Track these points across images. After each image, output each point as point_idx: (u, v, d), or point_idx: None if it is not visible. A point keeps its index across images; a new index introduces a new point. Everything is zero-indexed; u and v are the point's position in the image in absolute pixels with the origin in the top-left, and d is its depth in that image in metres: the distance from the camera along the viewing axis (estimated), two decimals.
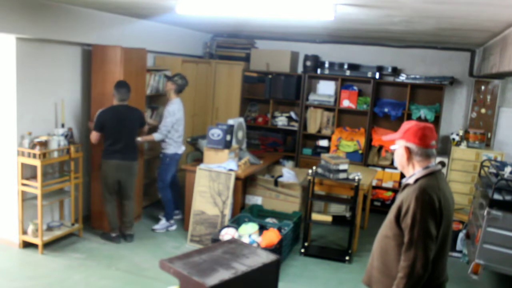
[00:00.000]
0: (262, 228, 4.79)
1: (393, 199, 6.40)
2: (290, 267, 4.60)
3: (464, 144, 5.75)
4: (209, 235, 4.84)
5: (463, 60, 6.35)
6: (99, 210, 5.10)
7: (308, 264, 4.72)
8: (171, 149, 5.26)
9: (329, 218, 4.95)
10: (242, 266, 2.42)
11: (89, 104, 5.15)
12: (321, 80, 6.81)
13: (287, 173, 5.80)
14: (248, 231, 4.57)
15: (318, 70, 6.67)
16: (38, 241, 4.48)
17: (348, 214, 5.38)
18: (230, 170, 4.95)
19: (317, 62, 6.78)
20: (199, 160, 5.48)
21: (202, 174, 4.99)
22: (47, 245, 4.62)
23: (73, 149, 4.65)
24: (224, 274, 2.30)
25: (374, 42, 6.58)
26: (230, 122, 5.34)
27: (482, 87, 6.21)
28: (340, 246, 5.22)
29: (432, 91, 6.39)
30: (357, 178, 4.65)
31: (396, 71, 6.55)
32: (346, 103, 6.53)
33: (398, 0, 2.95)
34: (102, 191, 4.87)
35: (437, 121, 6.14)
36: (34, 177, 4.44)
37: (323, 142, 6.76)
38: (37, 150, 4.31)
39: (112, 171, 4.74)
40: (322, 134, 6.74)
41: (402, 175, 6.12)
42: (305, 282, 4.32)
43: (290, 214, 5.39)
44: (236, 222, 4.87)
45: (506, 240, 3.85)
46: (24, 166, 4.42)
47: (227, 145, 5.12)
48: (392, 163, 6.38)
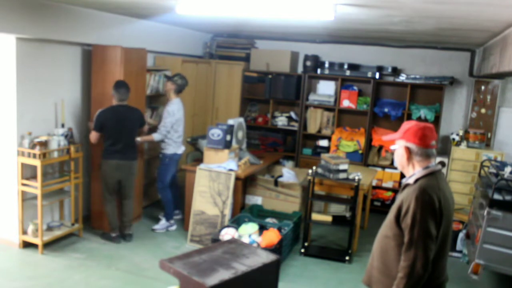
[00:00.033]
0: (262, 228, 4.79)
1: (393, 199, 6.40)
2: (290, 267, 4.60)
3: (464, 144, 5.75)
4: (209, 235, 4.84)
5: (463, 60, 6.35)
6: (99, 210, 5.10)
7: (308, 264, 4.72)
8: (170, 149, 5.25)
9: (329, 218, 4.95)
10: (242, 266, 2.42)
11: (89, 104, 5.16)
12: (321, 80, 6.81)
13: (287, 173, 5.80)
14: (248, 231, 4.57)
15: (318, 70, 6.67)
16: (38, 241, 4.48)
17: (348, 214, 5.38)
18: (230, 170, 4.95)
19: (317, 62, 6.78)
20: (199, 160, 5.47)
21: (202, 174, 4.99)
22: (47, 245, 4.62)
23: (73, 149, 4.65)
24: (224, 274, 2.30)
25: (374, 42, 6.58)
26: (230, 122, 5.34)
27: (482, 87, 6.21)
28: (340, 246, 5.22)
29: (432, 91, 6.39)
30: (357, 178, 4.65)
31: (396, 71, 6.55)
32: (346, 103, 6.53)
33: (398, 0, 2.95)
34: (102, 191, 4.87)
35: (437, 121, 6.14)
36: (34, 177, 4.44)
37: (323, 142, 6.76)
38: (37, 150, 4.31)
39: (112, 171, 4.74)
40: (322, 134, 6.74)
41: (402, 175, 6.12)
42: (305, 282, 4.32)
43: (290, 214, 5.39)
44: (236, 222, 4.87)
45: (506, 240, 3.85)
46: (24, 166, 4.42)
47: (227, 145, 5.12)
48: (392, 163, 6.38)
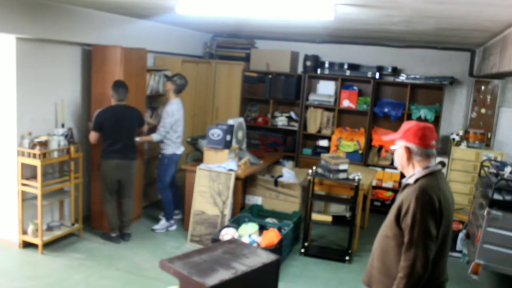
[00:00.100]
0: (262, 228, 4.79)
1: (393, 199, 6.40)
2: (290, 267, 4.60)
3: (464, 144, 5.75)
4: (209, 235, 4.84)
5: (463, 60, 6.35)
6: (99, 210, 5.10)
7: (308, 264, 4.72)
8: (169, 149, 5.25)
9: (329, 218, 4.95)
10: (242, 266, 2.42)
11: (89, 104, 5.16)
12: (321, 80, 6.81)
13: (287, 173, 5.80)
14: (248, 231, 4.57)
15: (318, 70, 6.67)
16: (38, 241, 4.48)
17: (348, 214, 5.38)
18: (230, 170, 4.95)
19: (317, 62, 6.78)
20: (199, 160, 5.47)
21: (202, 174, 4.99)
22: (47, 245, 4.62)
23: (73, 149, 4.65)
24: (224, 274, 2.30)
25: (374, 42, 6.58)
26: (230, 122, 5.34)
27: (482, 87, 6.21)
28: (340, 246, 5.22)
29: (432, 91, 6.39)
30: (357, 178, 4.65)
31: (396, 71, 6.55)
32: (346, 103, 6.53)
33: (398, 0, 2.95)
34: (102, 191, 4.87)
35: (437, 121, 6.14)
36: (34, 177, 4.44)
37: (323, 142, 6.76)
38: (37, 150, 4.31)
39: (111, 171, 4.74)
40: (322, 134, 6.74)
41: (402, 175, 6.12)
42: (305, 282, 4.32)
43: (290, 214, 5.38)
44: (236, 222, 4.87)
45: (506, 240, 3.85)
46: (24, 166, 4.42)
47: (227, 145, 5.12)
48: (392, 163, 6.38)
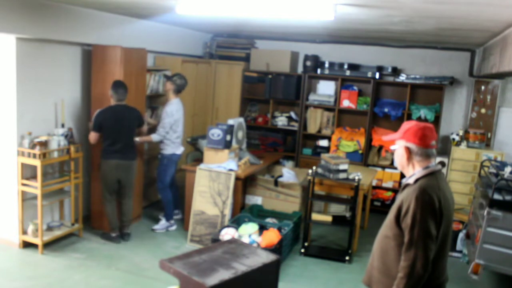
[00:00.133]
0: (262, 228, 4.79)
1: (393, 199, 6.40)
2: (290, 267, 4.60)
3: (464, 144, 5.75)
4: (209, 235, 4.84)
5: (463, 60, 6.35)
6: (99, 210, 5.09)
7: (308, 264, 4.72)
8: (169, 149, 5.25)
9: (329, 218, 4.95)
10: (242, 266, 2.42)
11: (89, 104, 5.15)
12: (321, 80, 6.81)
13: (287, 173, 5.80)
14: (248, 231, 4.57)
15: (318, 70, 6.67)
16: (38, 241, 4.48)
17: (348, 214, 5.38)
18: (230, 170, 4.95)
19: (317, 62, 6.78)
20: (199, 160, 5.47)
21: (202, 174, 4.99)
22: (47, 245, 4.62)
23: (73, 149, 4.65)
24: (224, 274, 2.30)
25: (374, 42, 6.58)
26: (230, 122, 5.34)
27: (482, 87, 6.21)
28: (340, 246, 5.22)
29: (432, 91, 6.39)
30: (357, 178, 4.65)
31: (396, 71, 6.54)
32: (346, 103, 6.53)
33: (398, 0, 2.95)
34: (102, 191, 4.87)
35: (437, 121, 6.14)
36: (34, 177, 4.44)
37: (323, 142, 6.76)
38: (37, 150, 4.31)
39: (111, 171, 4.74)
40: (322, 134, 6.74)
41: (402, 175, 6.12)
42: (305, 282, 4.32)
43: (290, 214, 5.38)
44: (236, 222, 4.87)
45: (506, 240, 3.85)
46: (24, 166, 4.42)
47: (227, 145, 5.12)
48: (392, 163, 6.38)
